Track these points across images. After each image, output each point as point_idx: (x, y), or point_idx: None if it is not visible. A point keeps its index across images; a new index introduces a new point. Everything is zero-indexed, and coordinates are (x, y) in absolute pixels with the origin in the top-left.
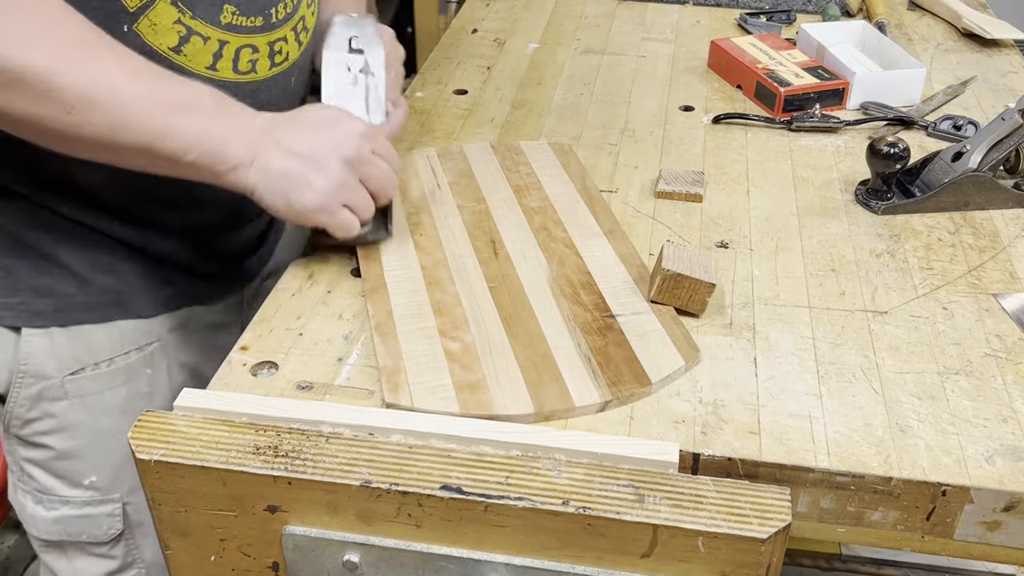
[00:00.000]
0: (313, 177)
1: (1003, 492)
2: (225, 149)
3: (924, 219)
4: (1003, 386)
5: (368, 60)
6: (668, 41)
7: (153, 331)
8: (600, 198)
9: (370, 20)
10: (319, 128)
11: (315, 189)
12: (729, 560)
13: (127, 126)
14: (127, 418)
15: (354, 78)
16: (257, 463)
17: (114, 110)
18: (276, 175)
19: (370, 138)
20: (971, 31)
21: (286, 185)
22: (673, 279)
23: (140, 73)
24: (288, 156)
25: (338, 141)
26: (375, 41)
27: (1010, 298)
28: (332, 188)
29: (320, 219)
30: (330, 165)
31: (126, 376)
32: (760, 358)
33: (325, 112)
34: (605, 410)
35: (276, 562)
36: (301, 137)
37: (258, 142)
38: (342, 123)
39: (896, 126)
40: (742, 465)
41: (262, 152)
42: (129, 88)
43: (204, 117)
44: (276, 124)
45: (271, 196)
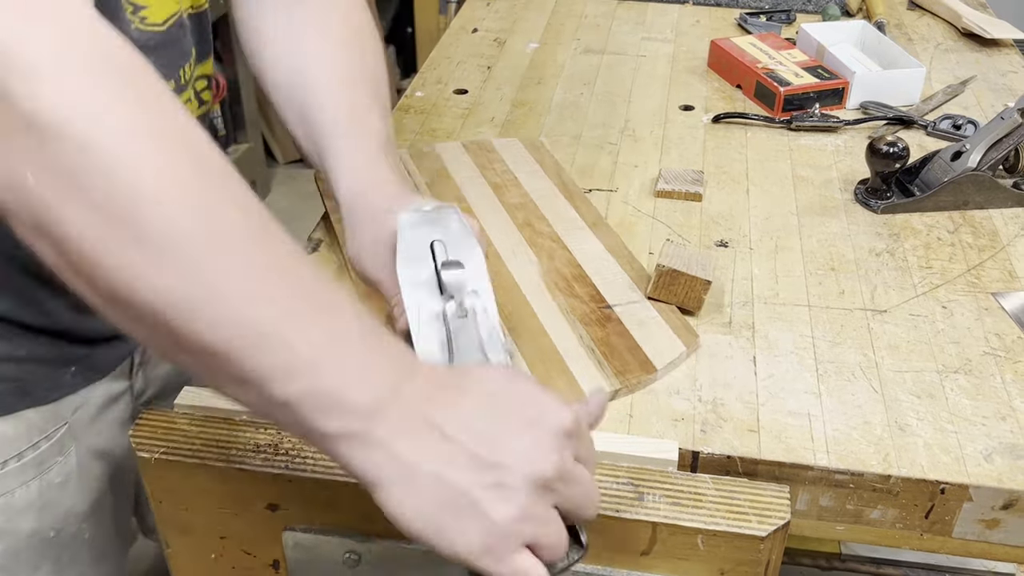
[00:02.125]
0: (489, 502)
1: (1002, 490)
2: (348, 400)
3: (923, 218)
4: (1002, 384)
5: (470, 278)
6: (668, 41)
7: (60, 414)
8: (579, 192)
9: (454, 212)
10: (508, 415)
11: (488, 522)
12: (728, 558)
13: (220, 328)
14: (42, 515)
15: (461, 309)
16: (257, 461)
17: (218, 309)
18: (427, 480)
19: (576, 437)
20: (971, 31)
21: (439, 503)
22: (669, 275)
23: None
24: (453, 453)
25: (535, 444)
26: (469, 242)
27: (1009, 297)
28: (512, 523)
29: (483, 565)
30: (517, 486)
31: (37, 469)
32: (759, 356)
33: (513, 387)
34: (615, 399)
35: (277, 560)
36: (477, 423)
37: (408, 411)
38: (543, 410)
39: (895, 125)
40: (741, 463)
41: (411, 430)
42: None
43: (338, 335)
44: (437, 387)
45: (410, 507)
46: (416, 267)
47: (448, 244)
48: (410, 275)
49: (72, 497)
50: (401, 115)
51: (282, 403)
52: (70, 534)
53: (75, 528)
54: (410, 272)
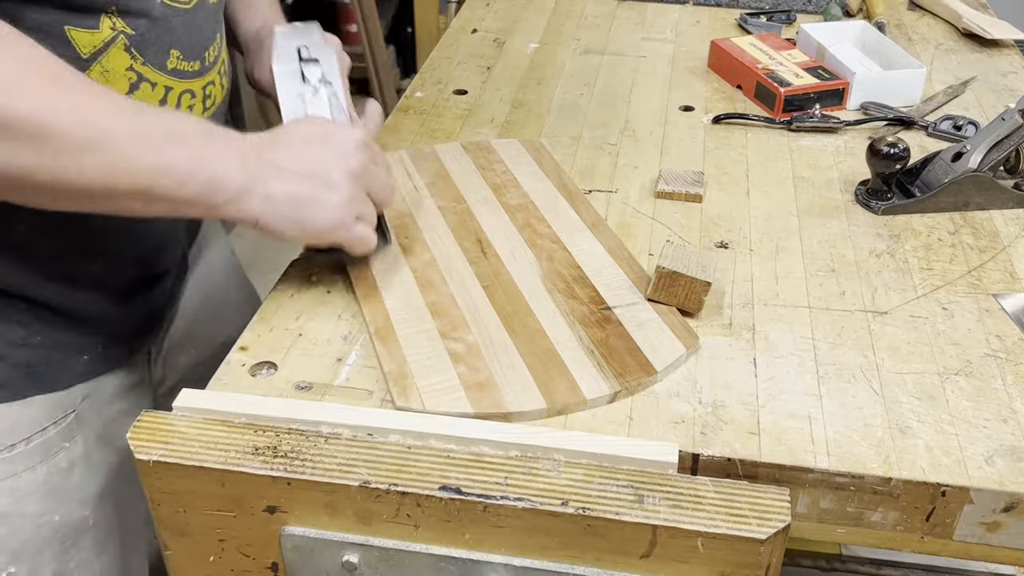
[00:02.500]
0: (324, 195)
1: (1003, 493)
2: (223, 178)
3: (924, 219)
4: (1003, 387)
5: (323, 69)
6: (668, 41)
7: (68, 402)
8: (579, 193)
9: (315, 27)
10: (316, 143)
11: (328, 207)
12: (728, 561)
13: (123, 167)
14: (46, 499)
15: (313, 88)
16: (256, 463)
17: (109, 150)
18: (282, 199)
19: (368, 146)
20: (971, 31)
21: (295, 208)
22: (669, 277)
23: (125, 108)
24: (292, 177)
25: (340, 154)
26: (326, 48)
27: (1010, 298)
28: (345, 203)
29: (337, 237)
30: (338, 180)
31: (44, 454)
32: (760, 358)
33: (315, 126)
34: (615, 401)
35: (275, 563)
36: (299, 155)
37: (255, 166)
38: (338, 135)
39: (896, 126)
40: (741, 466)
41: (261, 177)
42: (120, 125)
43: (195, 146)
44: (268, 145)
45: (279, 221)
46: (285, 63)
47: (310, 48)
48: (281, 68)
49: (77, 483)
50: (401, 116)
51: (186, 200)
52: (74, 520)
53: (79, 515)
54: (281, 67)
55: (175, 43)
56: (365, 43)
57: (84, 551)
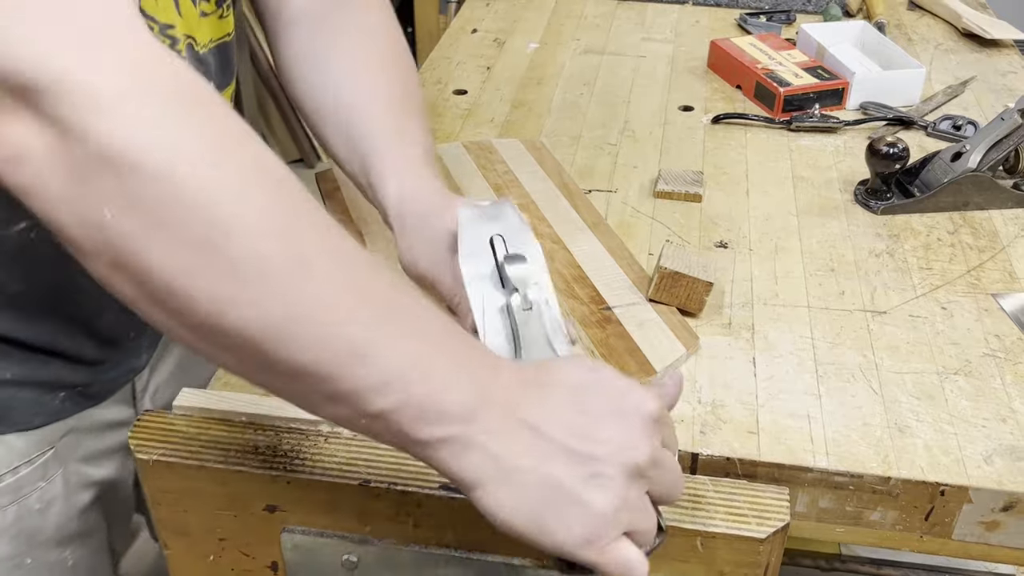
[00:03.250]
0: (589, 494)
1: (1001, 492)
2: (449, 410)
3: (923, 219)
4: (1002, 386)
5: (530, 270)
6: (668, 41)
7: (46, 439)
8: (580, 193)
9: (509, 207)
10: (596, 411)
11: (588, 512)
12: (728, 560)
13: (317, 336)
14: (17, 541)
15: (526, 301)
16: (256, 463)
17: (317, 328)
18: (524, 478)
19: (662, 423)
20: (971, 31)
21: (539, 498)
22: (671, 277)
23: (340, 248)
24: (552, 453)
25: (628, 435)
26: (527, 235)
27: (1009, 298)
28: (611, 512)
29: (587, 556)
30: (611, 475)
31: (15, 494)
32: (759, 358)
33: (596, 382)
34: None
35: (275, 562)
36: (570, 422)
37: (506, 414)
38: (628, 400)
39: (895, 126)
40: (741, 465)
41: (508, 434)
42: (326, 267)
43: (425, 342)
44: (528, 388)
45: (512, 507)
46: (478, 262)
47: (507, 238)
48: (472, 270)
49: (55, 523)
50: None
51: (377, 416)
52: (50, 561)
53: (56, 555)
54: (472, 267)
55: None
56: None
57: None
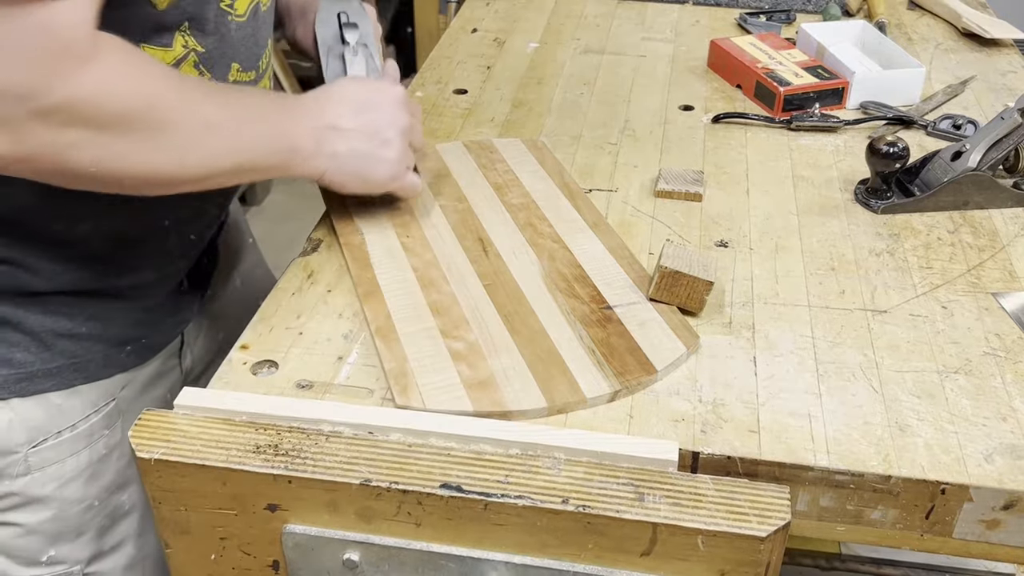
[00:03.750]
0: (382, 152)
1: (1002, 491)
2: (296, 144)
3: (923, 218)
4: (1002, 385)
5: (361, 32)
6: (668, 41)
7: (109, 391)
8: (581, 192)
9: None
10: (369, 104)
11: (386, 161)
12: (728, 559)
13: (226, 152)
14: (88, 484)
15: (353, 49)
16: (257, 462)
17: (214, 143)
18: (347, 157)
19: (408, 100)
20: (971, 31)
21: (359, 164)
22: (671, 277)
23: (216, 95)
24: (353, 137)
25: (391, 113)
26: (363, 14)
27: (1009, 297)
28: (399, 156)
29: (392, 186)
30: (392, 137)
31: (87, 440)
32: (760, 357)
33: (362, 86)
34: (615, 400)
35: (276, 561)
36: (356, 115)
37: (319, 130)
38: (385, 95)
39: (895, 125)
40: (741, 464)
41: (325, 138)
42: (220, 115)
43: (275, 119)
44: (325, 108)
45: (343, 176)
46: (327, 27)
47: (349, 13)
48: (324, 33)
49: (116, 468)
50: None
51: (269, 167)
52: (112, 505)
53: (117, 499)
54: (324, 31)
55: (236, 56)
56: None
57: (120, 535)
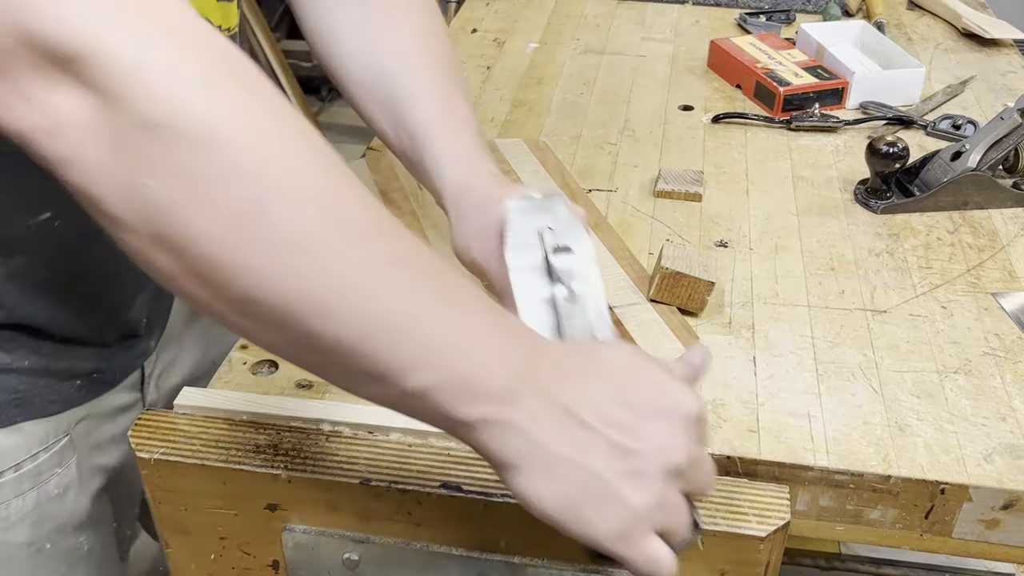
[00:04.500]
0: (627, 489)
1: (1001, 490)
2: (484, 384)
3: (923, 218)
4: (1002, 385)
5: (577, 262)
6: (668, 41)
7: (61, 427)
8: (582, 193)
9: (560, 199)
10: (640, 401)
11: (625, 508)
12: (728, 558)
13: (352, 313)
14: (36, 526)
15: (571, 295)
16: (257, 462)
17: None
18: (560, 464)
19: (702, 423)
20: (970, 31)
21: (577, 489)
22: (672, 277)
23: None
24: (588, 438)
25: (668, 434)
26: (577, 230)
27: (1009, 297)
28: (645, 510)
29: (618, 549)
30: (651, 473)
31: (34, 480)
32: (759, 357)
33: (644, 372)
34: None
35: (276, 560)
36: (614, 410)
37: (540, 397)
38: (672, 397)
39: (895, 125)
40: (741, 463)
41: (544, 417)
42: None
43: (468, 319)
44: (570, 369)
45: (543, 493)
46: (525, 253)
47: (556, 231)
48: (519, 261)
49: (71, 509)
50: None
51: (416, 394)
52: (67, 546)
53: (73, 540)
54: (519, 258)
55: None
56: None
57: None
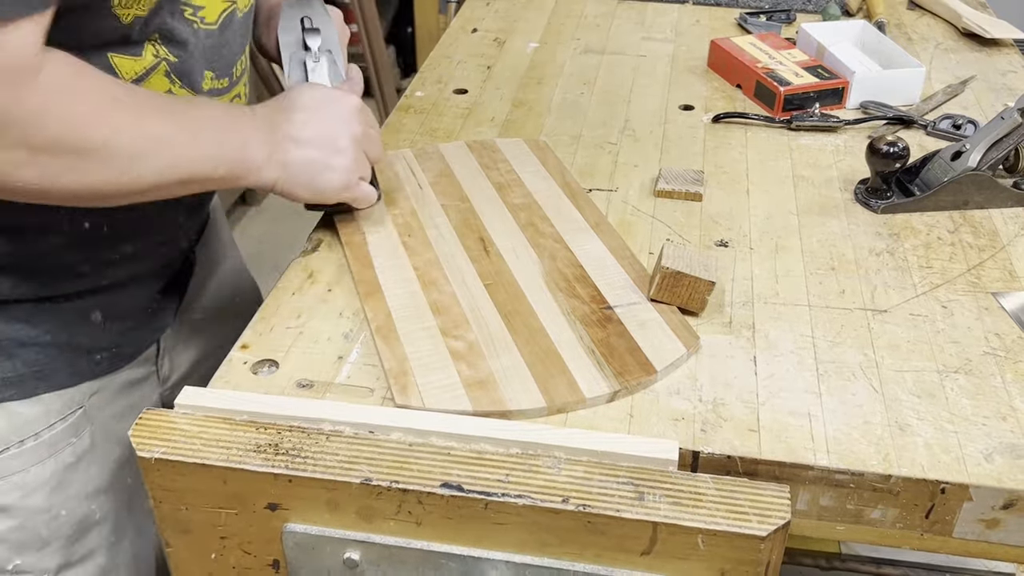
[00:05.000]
0: (333, 160)
1: (1002, 490)
2: (249, 155)
3: (923, 218)
4: (1002, 384)
5: (324, 37)
6: (668, 40)
7: (76, 399)
8: (582, 192)
9: (317, 1)
10: (321, 111)
11: (337, 170)
12: (728, 558)
13: (173, 164)
14: (54, 493)
15: (315, 55)
16: (258, 461)
17: (162, 154)
18: (297, 165)
19: (364, 110)
20: (971, 30)
21: (309, 173)
22: (673, 277)
23: (170, 110)
24: (304, 145)
25: (344, 121)
26: (326, 19)
27: (1009, 297)
28: (351, 166)
29: (344, 196)
30: (344, 146)
31: (51, 449)
32: (760, 356)
33: (318, 93)
34: (614, 400)
35: (277, 560)
36: (307, 123)
37: (272, 139)
38: (340, 102)
39: (896, 125)
40: (741, 463)
41: (277, 148)
42: (168, 130)
43: (223, 130)
44: (279, 115)
45: (293, 186)
46: (290, 34)
47: (312, 18)
48: (286, 38)
49: (84, 477)
50: (401, 115)
51: (218, 179)
52: (81, 514)
53: (86, 508)
54: (286, 37)
55: (209, 64)
56: (365, 43)
57: (91, 544)
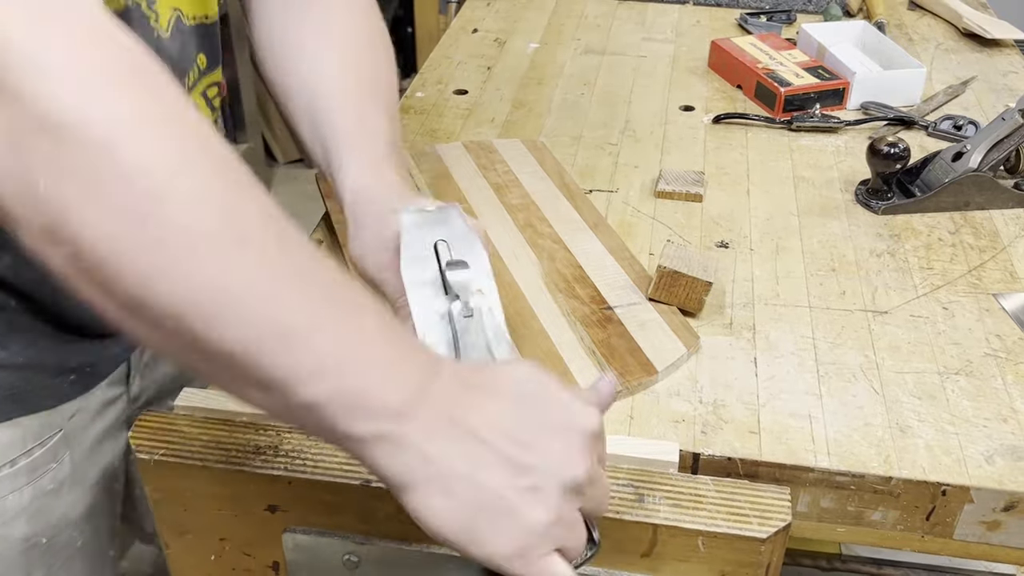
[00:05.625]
0: (524, 506)
1: (1003, 492)
2: (379, 399)
3: (924, 219)
4: (1003, 386)
5: (473, 276)
6: (668, 41)
7: (55, 422)
8: (581, 193)
9: (455, 211)
10: (539, 418)
11: (521, 525)
12: (729, 560)
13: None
14: (32, 521)
15: (463, 307)
16: (257, 463)
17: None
18: (459, 482)
19: (600, 440)
20: (971, 31)
21: (472, 506)
22: (670, 276)
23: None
24: (485, 455)
25: (566, 450)
26: (472, 241)
27: (1010, 298)
28: (544, 528)
29: (514, 569)
30: (550, 491)
31: (31, 475)
32: (760, 358)
33: (542, 388)
34: (615, 400)
35: (276, 562)
36: (511, 425)
37: (435, 410)
38: (570, 413)
39: (896, 126)
40: (742, 465)
41: (439, 431)
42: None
43: (363, 334)
44: (466, 386)
45: (438, 511)
46: (420, 267)
47: (452, 243)
48: (414, 275)
49: (65, 503)
50: (401, 115)
51: (307, 406)
52: (62, 541)
53: (67, 535)
54: (414, 272)
55: None
56: None
57: (73, 571)
